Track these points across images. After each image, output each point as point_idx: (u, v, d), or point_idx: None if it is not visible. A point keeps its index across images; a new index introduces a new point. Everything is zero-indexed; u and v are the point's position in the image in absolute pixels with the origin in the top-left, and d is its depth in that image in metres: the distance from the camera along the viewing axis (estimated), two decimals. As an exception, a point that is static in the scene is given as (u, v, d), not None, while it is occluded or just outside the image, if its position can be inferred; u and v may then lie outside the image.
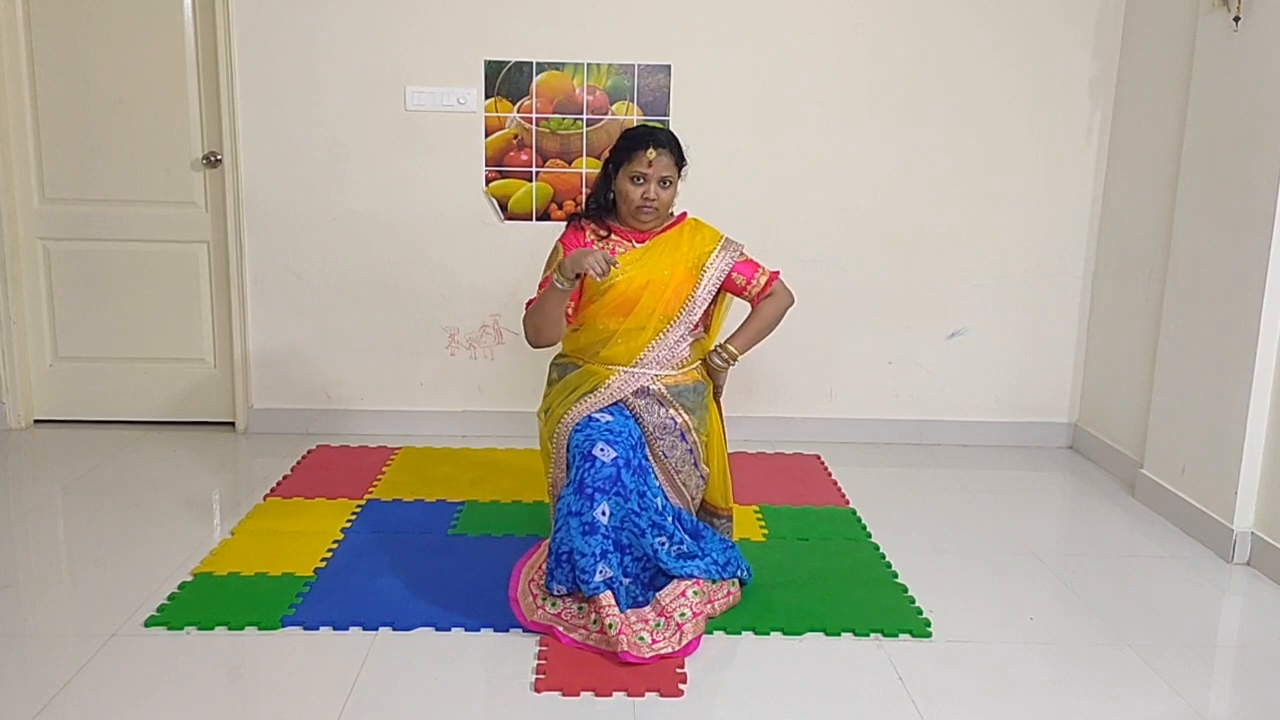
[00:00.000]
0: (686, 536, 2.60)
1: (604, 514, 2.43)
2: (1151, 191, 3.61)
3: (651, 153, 2.58)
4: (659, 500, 2.55)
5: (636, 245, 2.67)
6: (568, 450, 2.55)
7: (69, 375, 4.08)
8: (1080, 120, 3.91)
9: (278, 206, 3.91)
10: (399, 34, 3.80)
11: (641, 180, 2.59)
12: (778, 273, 2.80)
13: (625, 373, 2.61)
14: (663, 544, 2.53)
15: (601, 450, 2.46)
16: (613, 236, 2.68)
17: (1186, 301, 3.32)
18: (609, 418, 2.55)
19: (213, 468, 3.70)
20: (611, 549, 2.45)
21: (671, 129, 3.76)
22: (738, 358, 2.75)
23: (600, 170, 2.71)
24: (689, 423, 2.65)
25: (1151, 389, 3.52)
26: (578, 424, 2.55)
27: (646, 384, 2.62)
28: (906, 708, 2.23)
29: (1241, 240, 3.03)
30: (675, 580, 2.53)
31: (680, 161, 2.66)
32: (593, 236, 2.67)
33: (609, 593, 2.43)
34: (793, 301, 2.83)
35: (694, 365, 2.72)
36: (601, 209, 2.70)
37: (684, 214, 2.77)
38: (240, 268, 3.93)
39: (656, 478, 2.59)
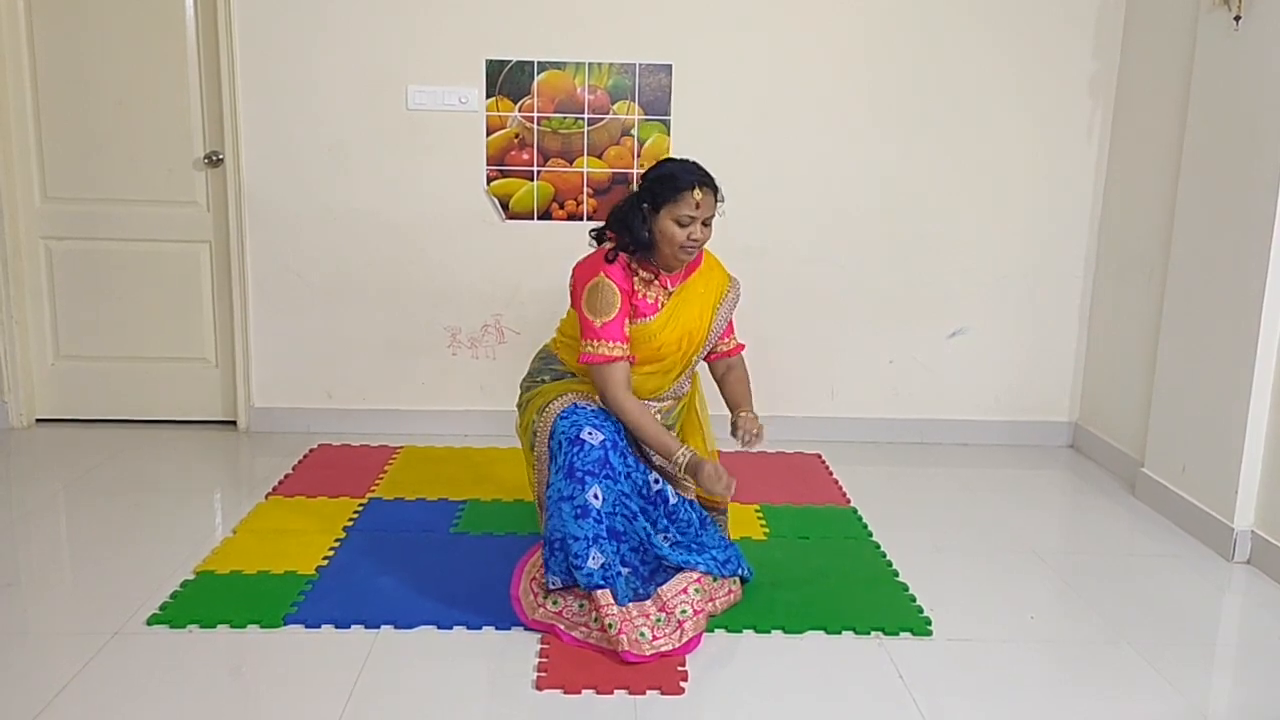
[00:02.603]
0: (677, 522, 2.62)
1: (596, 497, 2.45)
2: (1152, 191, 3.62)
3: (698, 193, 2.50)
4: (651, 476, 2.57)
5: (670, 289, 2.63)
6: (551, 437, 2.54)
7: (71, 374, 4.08)
8: (1080, 120, 3.92)
9: (279, 206, 3.91)
10: (400, 33, 3.80)
11: (688, 222, 2.51)
12: (744, 346, 2.84)
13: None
14: (653, 526, 2.55)
15: (589, 434, 2.48)
16: (655, 281, 2.61)
17: (1187, 300, 3.33)
18: (593, 406, 2.57)
19: (214, 466, 3.71)
20: (605, 535, 2.46)
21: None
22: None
23: (632, 204, 2.57)
24: (673, 434, 2.71)
25: (1152, 388, 3.52)
26: (563, 411, 2.55)
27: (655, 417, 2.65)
28: (907, 706, 2.23)
29: (1242, 240, 3.04)
30: (678, 575, 2.53)
31: (719, 200, 2.59)
32: (640, 285, 2.59)
33: (606, 590, 2.43)
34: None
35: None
36: (641, 247, 2.56)
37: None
38: (242, 267, 3.94)
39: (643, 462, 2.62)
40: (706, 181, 2.54)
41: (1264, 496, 3.01)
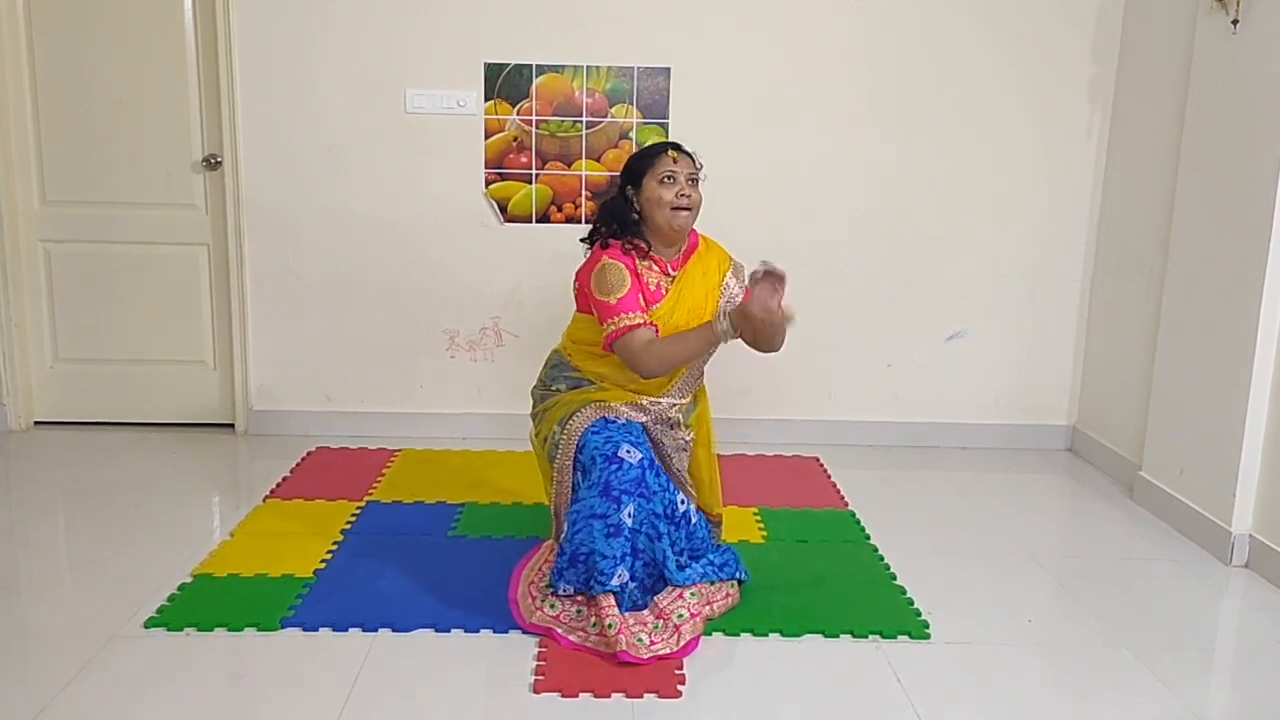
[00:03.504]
0: (692, 540, 2.62)
1: (629, 516, 2.43)
2: (1150, 193, 3.62)
3: (672, 153, 2.58)
4: (678, 496, 2.56)
5: (672, 273, 2.62)
6: (581, 451, 2.51)
7: (69, 377, 4.08)
8: (1079, 121, 3.92)
9: (278, 208, 3.91)
10: (399, 36, 3.80)
11: (672, 179, 2.54)
12: None
13: (650, 402, 2.61)
14: (671, 547, 2.54)
15: (628, 452, 2.45)
16: (648, 263, 2.60)
17: (1185, 303, 3.33)
18: (622, 419, 2.55)
19: (212, 469, 3.71)
20: (630, 553, 2.45)
21: (672, 135, 3.82)
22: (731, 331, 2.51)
23: (614, 195, 2.63)
24: (694, 438, 2.71)
25: (1150, 391, 3.52)
26: (593, 424, 2.53)
27: (671, 414, 2.64)
28: (905, 710, 2.23)
29: (1240, 242, 3.03)
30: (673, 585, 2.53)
31: (699, 165, 2.63)
32: (642, 268, 2.57)
33: (610, 594, 2.43)
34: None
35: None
36: (631, 226, 2.58)
37: (695, 233, 2.71)
38: (240, 270, 3.94)
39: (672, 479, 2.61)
40: (679, 147, 2.61)
41: (1262, 500, 3.00)
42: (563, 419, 2.59)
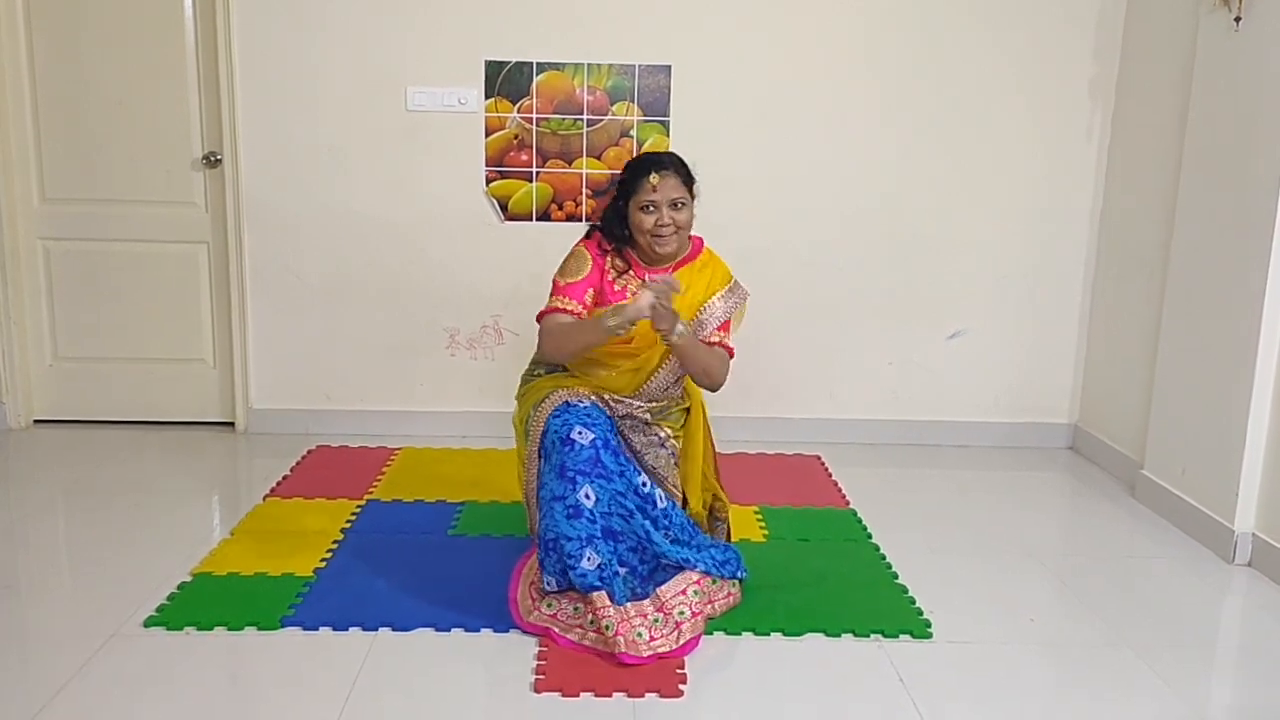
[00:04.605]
0: (671, 523, 2.60)
1: (588, 497, 2.43)
2: (1152, 192, 3.61)
3: (655, 177, 2.54)
4: (640, 478, 2.54)
5: (648, 281, 2.62)
6: (544, 436, 2.52)
7: (69, 375, 4.08)
8: (1081, 121, 3.91)
9: (278, 206, 3.91)
10: (399, 34, 3.80)
11: (652, 208, 2.55)
12: (731, 350, 2.71)
13: (615, 400, 2.62)
14: (653, 524, 2.53)
15: (579, 434, 2.46)
16: (629, 272, 2.64)
17: (1187, 302, 3.32)
18: (586, 403, 2.54)
19: (212, 468, 3.70)
20: (599, 535, 2.44)
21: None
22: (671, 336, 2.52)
23: (611, 203, 2.66)
24: (670, 431, 2.69)
25: (1152, 390, 3.51)
26: (555, 409, 2.53)
27: (637, 414, 2.64)
28: (907, 709, 2.22)
29: (1242, 241, 3.03)
30: (678, 576, 2.53)
31: (688, 180, 2.61)
32: (611, 271, 2.63)
33: (603, 592, 2.42)
34: (723, 380, 2.68)
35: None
36: (619, 240, 2.64)
37: (700, 243, 2.72)
38: (240, 268, 3.93)
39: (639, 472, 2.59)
40: (667, 165, 2.58)
41: (1264, 499, 3.00)
42: (535, 404, 2.61)
